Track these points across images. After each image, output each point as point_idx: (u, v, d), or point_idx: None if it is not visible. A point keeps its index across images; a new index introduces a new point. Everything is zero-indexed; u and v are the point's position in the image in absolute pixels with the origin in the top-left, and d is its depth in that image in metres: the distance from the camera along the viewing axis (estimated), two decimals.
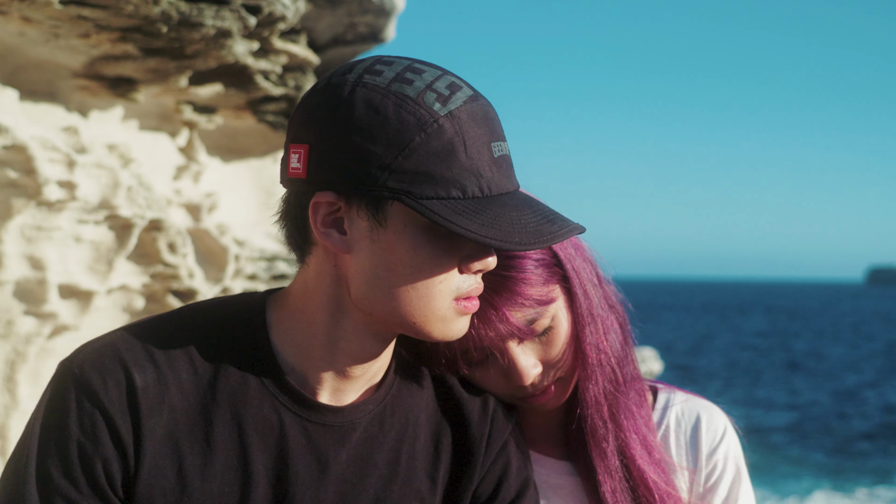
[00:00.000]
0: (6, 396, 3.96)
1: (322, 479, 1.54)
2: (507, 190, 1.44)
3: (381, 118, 1.38)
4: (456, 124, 1.39)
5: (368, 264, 1.45)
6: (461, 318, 1.51)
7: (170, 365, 1.49)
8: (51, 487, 1.43)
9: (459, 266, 1.47)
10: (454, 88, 1.42)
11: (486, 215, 1.41)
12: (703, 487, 1.84)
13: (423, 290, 1.46)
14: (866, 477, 21.06)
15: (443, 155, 1.38)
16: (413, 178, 1.38)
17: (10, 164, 3.44)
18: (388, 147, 1.38)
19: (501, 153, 1.44)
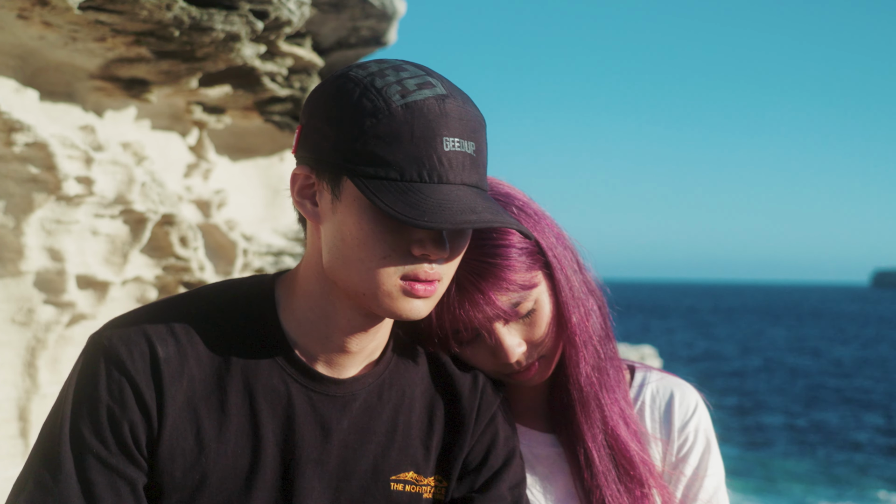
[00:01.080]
0: (27, 381, 4.01)
1: (325, 443, 1.62)
2: (450, 181, 1.47)
3: (345, 104, 1.48)
4: (408, 115, 1.46)
5: (329, 234, 1.53)
6: (410, 298, 1.52)
7: (189, 339, 1.58)
8: (83, 446, 1.52)
9: (408, 248, 1.49)
10: (424, 86, 1.48)
11: (414, 196, 1.44)
12: (675, 457, 1.92)
13: (369, 263, 1.50)
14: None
15: (388, 139, 1.45)
16: (360, 157, 1.45)
17: (31, 161, 3.49)
18: (345, 129, 1.47)
19: (455, 149, 1.47)
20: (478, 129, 1.52)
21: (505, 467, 1.76)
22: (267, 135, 5.92)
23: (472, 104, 1.53)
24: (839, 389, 34.79)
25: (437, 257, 1.50)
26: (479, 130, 1.52)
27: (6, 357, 4.00)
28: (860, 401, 32.05)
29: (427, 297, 1.53)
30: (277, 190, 6.39)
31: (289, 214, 6.47)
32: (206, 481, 1.57)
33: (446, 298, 1.72)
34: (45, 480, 1.52)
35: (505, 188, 1.83)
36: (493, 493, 1.73)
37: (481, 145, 1.52)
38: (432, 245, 1.48)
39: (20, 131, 3.27)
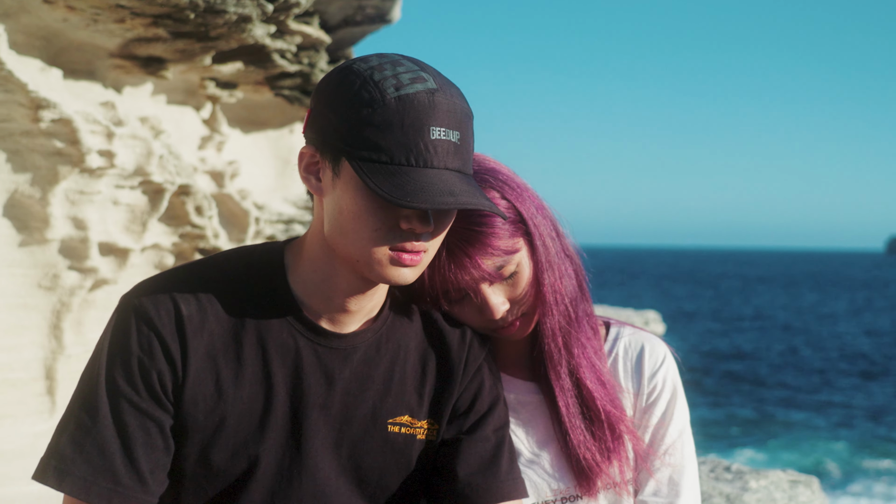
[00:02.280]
0: (53, 342, 4.09)
1: (329, 390, 1.74)
2: (434, 165, 1.58)
3: (347, 94, 1.61)
4: (400, 106, 1.57)
5: (330, 207, 1.65)
6: (397, 267, 1.64)
7: (208, 299, 1.70)
8: (117, 391, 1.65)
9: (397, 223, 1.61)
10: (416, 80, 1.59)
11: (400, 178, 1.56)
12: (644, 404, 2.03)
13: (362, 234, 1.62)
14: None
15: (382, 127, 1.57)
16: (357, 142, 1.57)
17: (56, 136, 3.56)
18: (345, 116, 1.59)
19: (440, 137, 1.59)
20: (463, 120, 1.63)
21: (490, 412, 1.87)
22: (277, 108, 5.98)
23: (461, 98, 1.64)
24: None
25: (422, 231, 1.61)
26: (464, 122, 1.63)
27: (33, 320, 4.08)
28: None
29: (413, 265, 1.64)
30: (287, 161, 6.41)
31: (298, 184, 6.51)
32: (225, 423, 1.69)
33: (437, 262, 1.83)
34: (85, 422, 1.64)
35: (491, 163, 1.96)
36: (479, 434, 1.84)
37: (466, 135, 1.63)
38: (418, 221, 1.60)
39: (46, 108, 3.36)
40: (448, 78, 1.68)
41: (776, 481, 4.52)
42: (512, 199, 1.90)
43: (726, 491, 4.33)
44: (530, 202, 1.93)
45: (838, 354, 34.60)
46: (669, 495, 2.01)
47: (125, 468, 1.64)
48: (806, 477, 4.67)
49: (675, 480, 2.02)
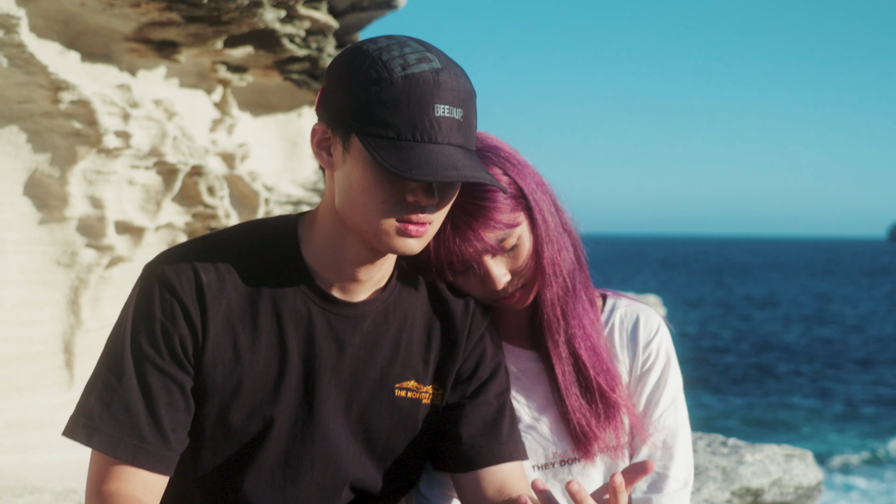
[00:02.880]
0: (71, 317, 4.17)
1: (340, 356, 1.80)
2: (439, 141, 1.63)
3: (356, 73, 1.67)
4: (407, 85, 1.63)
5: (340, 181, 1.71)
6: (404, 237, 1.69)
7: (227, 268, 1.76)
8: (142, 355, 1.71)
9: (403, 195, 1.66)
10: (422, 61, 1.65)
11: (406, 153, 1.61)
12: (640, 371, 2.08)
13: (370, 206, 1.67)
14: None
15: (389, 105, 1.62)
16: (366, 118, 1.63)
17: (75, 117, 3.62)
18: (355, 94, 1.65)
19: (445, 115, 1.64)
20: (467, 98, 1.68)
21: (491, 378, 1.93)
22: (286, 92, 6.03)
23: (465, 77, 1.70)
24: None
25: (426, 204, 1.67)
26: (468, 100, 1.68)
27: (52, 296, 4.16)
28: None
29: (419, 237, 1.70)
30: (296, 144, 6.45)
31: (307, 166, 6.58)
32: (242, 385, 1.76)
33: (442, 235, 1.88)
34: (112, 382, 1.71)
35: (493, 141, 2.02)
36: (482, 399, 1.90)
37: (469, 113, 1.69)
38: (423, 194, 1.66)
39: (66, 90, 3.43)
40: (452, 59, 1.74)
41: (771, 455, 4.60)
42: (513, 175, 1.96)
43: (722, 464, 4.40)
44: (531, 178, 1.99)
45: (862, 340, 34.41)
46: (663, 458, 2.06)
47: (149, 426, 1.70)
48: (801, 451, 4.74)
49: (668, 444, 2.07)
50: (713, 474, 4.27)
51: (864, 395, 24.06)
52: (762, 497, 4.36)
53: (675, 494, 2.05)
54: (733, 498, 4.21)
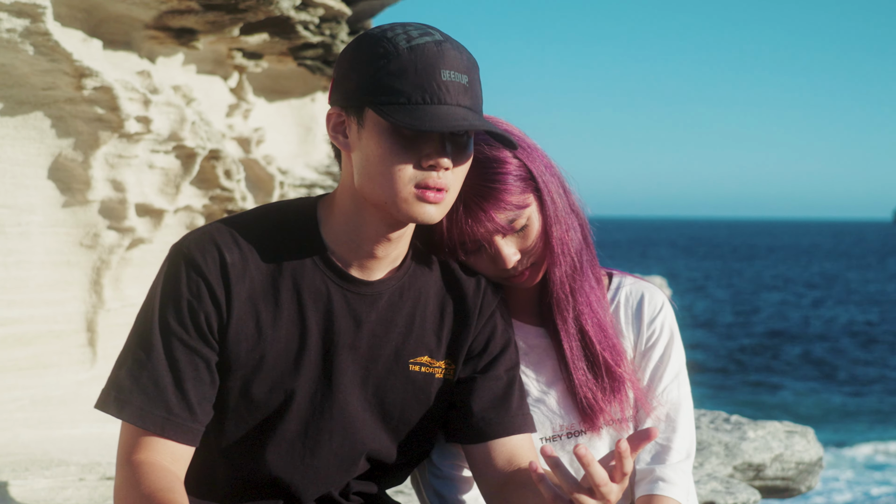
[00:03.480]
0: (94, 297, 4.18)
1: (357, 332, 1.86)
2: (447, 102, 1.69)
3: (364, 52, 1.73)
4: (412, 55, 1.69)
5: (358, 158, 1.76)
6: (423, 203, 1.73)
7: (249, 248, 1.81)
8: (169, 331, 1.77)
9: (419, 161, 1.72)
10: (425, 35, 1.72)
11: (418, 113, 1.66)
12: (644, 347, 2.14)
13: (388, 175, 1.71)
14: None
15: (398, 74, 1.68)
16: (378, 90, 1.70)
17: (97, 103, 3.65)
18: (365, 71, 1.72)
19: (451, 79, 1.69)
20: (470, 67, 1.74)
21: (502, 353, 1.98)
22: (300, 77, 6.02)
23: (466, 50, 1.76)
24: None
25: (442, 162, 1.72)
26: (471, 68, 1.75)
27: (75, 276, 4.18)
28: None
29: (437, 203, 1.74)
30: (309, 128, 6.45)
31: (320, 150, 6.60)
32: (264, 360, 1.81)
33: (455, 216, 1.93)
34: (141, 357, 1.77)
35: (504, 125, 2.05)
36: (492, 373, 1.96)
37: (473, 79, 1.74)
38: (437, 155, 1.71)
39: (89, 77, 3.47)
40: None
41: (773, 431, 4.65)
42: (523, 157, 2.01)
43: (725, 440, 4.45)
44: (540, 161, 2.04)
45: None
46: (667, 430, 2.11)
47: (176, 399, 1.76)
48: (802, 427, 4.79)
49: (671, 417, 2.12)
50: (716, 450, 4.32)
51: (871, 376, 23.95)
52: (764, 472, 4.41)
53: (677, 465, 2.10)
54: (735, 472, 4.26)
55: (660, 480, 2.07)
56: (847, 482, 14.93)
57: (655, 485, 2.07)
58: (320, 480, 1.90)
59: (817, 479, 4.80)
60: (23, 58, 3.37)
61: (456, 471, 2.08)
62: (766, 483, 4.46)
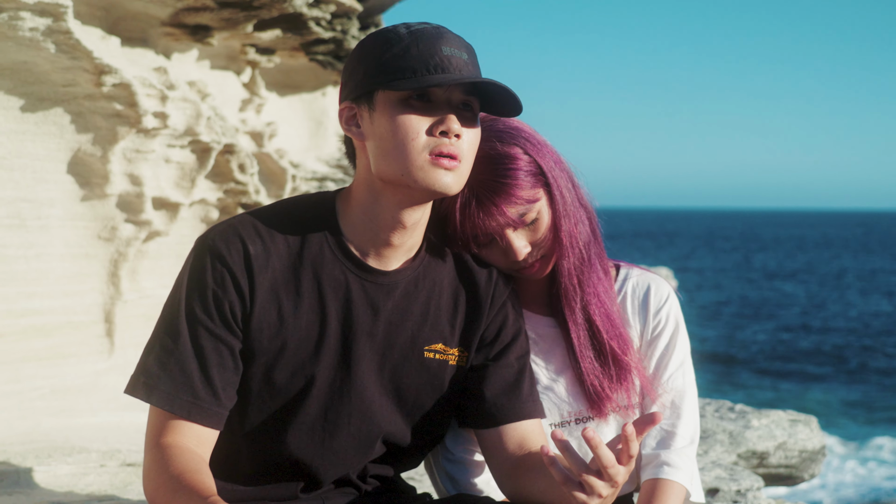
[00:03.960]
0: (111, 288, 4.23)
1: (375, 320, 1.92)
2: (451, 71, 1.79)
3: (369, 44, 1.83)
4: (413, 37, 1.80)
5: (373, 141, 1.83)
6: (438, 170, 1.80)
7: (271, 240, 1.87)
8: (195, 320, 1.83)
9: (430, 129, 1.80)
10: (423, 23, 1.83)
11: (424, 79, 1.76)
12: (650, 336, 2.20)
13: (403, 147, 1.79)
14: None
15: (401, 54, 1.78)
16: (385, 72, 1.80)
17: (116, 99, 3.69)
18: (371, 59, 1.81)
19: (453, 54, 1.80)
20: (469, 49, 1.84)
21: (513, 342, 2.04)
22: (311, 72, 6.06)
23: (463, 39, 1.85)
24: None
25: (452, 132, 1.79)
26: (470, 50, 1.84)
27: (93, 268, 4.22)
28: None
29: (452, 170, 1.81)
30: (320, 122, 6.49)
31: (330, 144, 6.65)
32: (286, 347, 1.88)
33: (467, 210, 2.00)
34: (168, 345, 1.83)
35: (514, 122, 2.10)
36: (504, 361, 2.02)
37: (473, 58, 1.84)
38: (448, 121, 1.79)
39: (109, 74, 3.52)
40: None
41: (777, 420, 4.71)
42: (533, 153, 2.07)
43: (730, 428, 4.52)
44: (549, 157, 2.09)
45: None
46: (671, 417, 2.18)
47: (202, 384, 1.82)
48: (805, 416, 4.85)
49: (676, 404, 2.18)
50: (720, 438, 4.38)
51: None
52: (767, 460, 4.47)
53: (682, 450, 2.16)
54: (739, 460, 4.32)
55: (665, 465, 2.13)
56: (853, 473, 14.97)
57: (660, 469, 2.13)
58: (339, 462, 1.96)
59: (820, 467, 4.85)
60: (44, 55, 3.42)
61: (468, 455, 2.14)
62: (770, 470, 4.52)
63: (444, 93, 1.81)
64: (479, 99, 1.87)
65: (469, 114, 1.84)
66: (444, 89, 1.80)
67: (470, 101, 1.85)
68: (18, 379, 3.94)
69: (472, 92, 1.84)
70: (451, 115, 1.80)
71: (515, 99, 1.85)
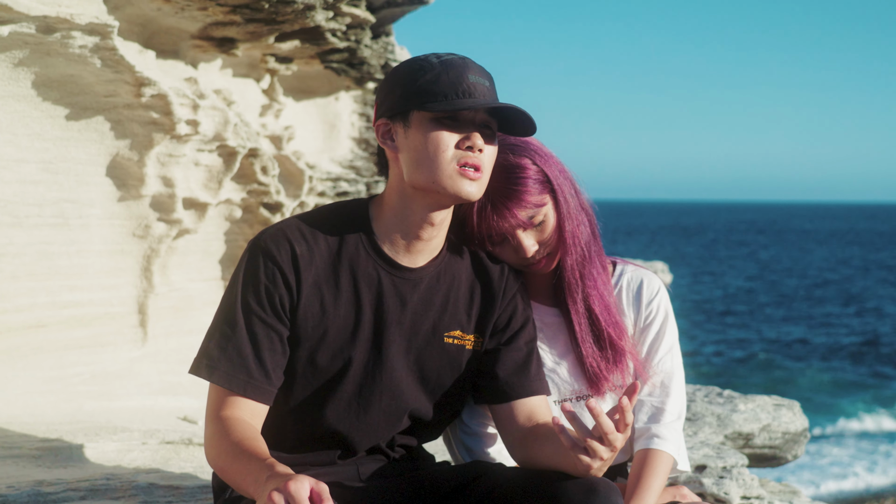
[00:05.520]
0: (144, 282, 4.45)
1: (403, 310, 2.11)
2: (476, 96, 2.00)
3: (404, 72, 2.04)
4: (443, 66, 2.01)
5: (406, 153, 2.04)
6: (464, 179, 2.01)
7: (314, 241, 2.06)
8: (250, 310, 2.01)
9: (458, 144, 2.01)
10: (450, 55, 2.05)
11: (454, 103, 1.98)
12: (643, 324, 2.39)
13: (434, 157, 2.00)
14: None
15: (434, 80, 2.00)
16: (420, 95, 2.00)
17: (153, 108, 3.88)
18: (407, 83, 2.02)
19: (476, 82, 2.01)
20: (489, 77, 2.07)
21: (522, 329, 2.22)
22: (325, 79, 6.22)
23: (484, 68, 2.07)
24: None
25: (476, 147, 2.01)
26: (490, 78, 2.07)
27: (128, 263, 4.44)
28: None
29: (475, 180, 2.02)
30: (334, 125, 6.60)
31: (343, 146, 6.82)
32: (327, 334, 2.06)
33: (483, 213, 2.19)
34: (227, 332, 2.02)
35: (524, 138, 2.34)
36: (514, 345, 2.21)
37: (492, 85, 2.06)
38: (473, 137, 2.01)
39: (148, 86, 3.72)
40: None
41: (762, 404, 4.92)
42: (540, 164, 2.28)
43: (718, 412, 4.72)
44: (555, 167, 2.29)
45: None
46: (661, 395, 2.37)
47: (256, 366, 2.01)
48: (789, 401, 5.06)
49: (665, 384, 2.38)
50: (709, 420, 4.59)
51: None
52: (753, 440, 4.68)
53: (670, 424, 2.36)
54: (726, 441, 4.53)
55: (655, 437, 2.33)
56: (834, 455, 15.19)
57: (651, 440, 2.33)
58: (371, 433, 2.15)
59: (803, 448, 5.07)
60: (90, 70, 3.63)
61: (482, 428, 2.33)
62: (755, 451, 4.73)
63: (471, 114, 2.03)
64: (499, 120, 2.09)
65: (490, 132, 2.06)
66: (470, 111, 2.02)
67: (490, 123, 2.06)
68: (62, 365, 4.16)
69: (493, 114, 2.06)
70: (476, 133, 2.02)
71: (531, 121, 2.07)
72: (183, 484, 3.01)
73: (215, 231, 5.05)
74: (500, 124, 2.10)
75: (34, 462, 3.18)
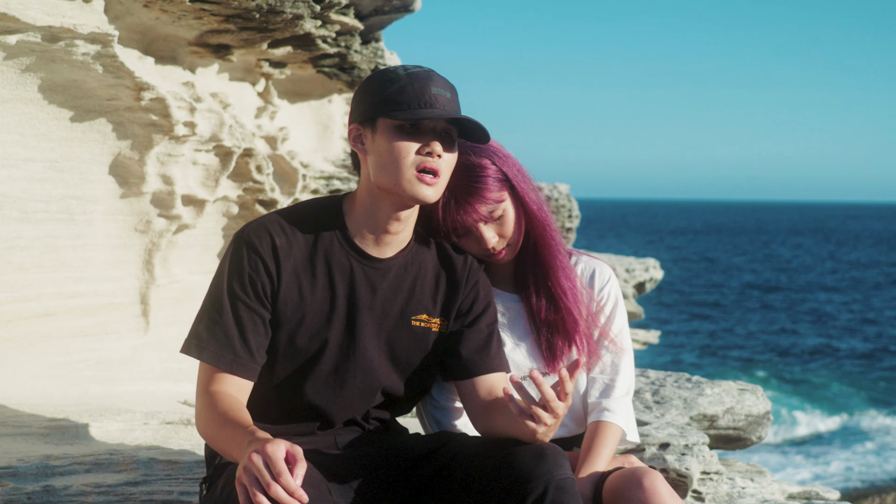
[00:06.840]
0: (146, 274, 4.56)
1: (373, 296, 2.24)
2: (437, 107, 2.10)
3: (374, 82, 2.17)
4: (409, 78, 2.12)
5: (373, 158, 2.16)
6: (422, 184, 2.11)
7: (293, 234, 2.19)
8: (235, 296, 2.14)
9: (419, 150, 2.11)
10: (416, 67, 2.16)
11: (416, 112, 2.08)
12: (595, 309, 2.54)
13: (396, 163, 2.11)
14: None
15: (399, 91, 2.10)
16: (385, 104, 2.11)
17: (152, 111, 3.99)
18: (376, 93, 2.15)
19: (438, 93, 2.12)
20: (452, 89, 2.19)
21: (483, 312, 2.35)
22: (318, 82, 6.30)
23: (447, 80, 2.20)
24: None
25: (435, 153, 2.12)
26: (453, 90, 2.19)
27: (130, 257, 4.55)
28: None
29: (432, 185, 2.14)
30: (327, 126, 6.70)
31: (336, 146, 6.92)
32: (305, 317, 2.19)
33: (448, 207, 2.33)
34: (214, 315, 2.15)
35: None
36: (476, 327, 2.33)
37: (454, 96, 2.19)
38: (432, 144, 2.12)
39: (147, 90, 3.84)
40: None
41: (727, 389, 5.06)
42: (499, 164, 2.43)
43: (685, 395, 4.88)
44: (513, 166, 2.44)
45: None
46: (611, 373, 2.53)
47: (241, 346, 2.14)
48: (752, 386, 5.20)
49: (615, 363, 2.53)
50: (676, 403, 4.74)
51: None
52: (717, 422, 4.83)
53: (619, 399, 2.52)
54: (692, 422, 4.69)
55: (605, 410, 2.49)
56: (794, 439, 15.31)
57: (602, 413, 2.49)
58: (347, 408, 2.28)
59: (767, 431, 5.22)
60: (93, 75, 3.76)
61: (450, 402, 2.47)
62: (720, 432, 4.88)
63: (431, 123, 2.16)
64: (458, 129, 2.23)
65: (449, 139, 2.20)
66: (431, 120, 2.16)
67: (450, 130, 2.20)
68: (69, 352, 4.28)
69: (452, 123, 2.20)
70: (435, 141, 2.15)
71: (485, 131, 2.21)
72: (181, 459, 3.13)
73: (213, 226, 5.14)
74: (460, 132, 2.24)
75: (42, 439, 3.31)
